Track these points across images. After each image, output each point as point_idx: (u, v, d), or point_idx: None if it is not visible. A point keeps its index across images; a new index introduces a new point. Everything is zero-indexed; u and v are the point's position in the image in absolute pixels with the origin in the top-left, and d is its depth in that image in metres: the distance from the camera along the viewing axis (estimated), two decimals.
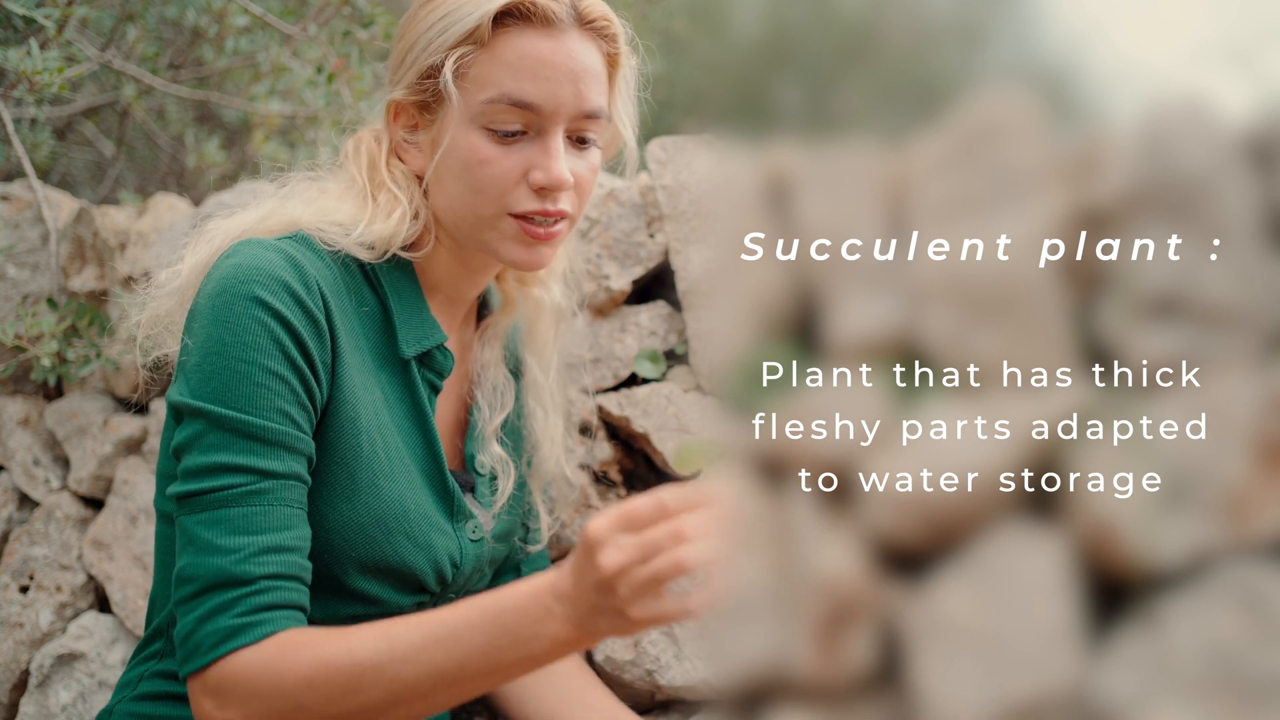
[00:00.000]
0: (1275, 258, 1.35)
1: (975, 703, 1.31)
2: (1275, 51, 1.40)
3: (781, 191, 1.68)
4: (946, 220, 1.48)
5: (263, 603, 1.14)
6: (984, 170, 1.45)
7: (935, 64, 4.76)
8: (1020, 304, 1.41)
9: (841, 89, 5.64)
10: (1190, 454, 1.29)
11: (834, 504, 1.61)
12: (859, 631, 1.46)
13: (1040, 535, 1.35)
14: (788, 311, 1.67)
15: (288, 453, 1.19)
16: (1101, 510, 1.31)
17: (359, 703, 1.10)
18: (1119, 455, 1.33)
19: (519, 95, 1.29)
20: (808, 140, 1.51)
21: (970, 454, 1.39)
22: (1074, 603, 1.32)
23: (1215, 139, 1.36)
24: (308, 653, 1.12)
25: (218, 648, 1.11)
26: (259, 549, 1.14)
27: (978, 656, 1.32)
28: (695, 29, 6.67)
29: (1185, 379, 1.33)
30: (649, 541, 1.13)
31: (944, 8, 4.48)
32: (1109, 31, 1.63)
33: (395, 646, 1.11)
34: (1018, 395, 1.41)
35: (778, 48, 5.45)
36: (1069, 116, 3.87)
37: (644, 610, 1.14)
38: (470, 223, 1.32)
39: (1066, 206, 1.41)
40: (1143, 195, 1.36)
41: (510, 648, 1.12)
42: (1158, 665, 1.25)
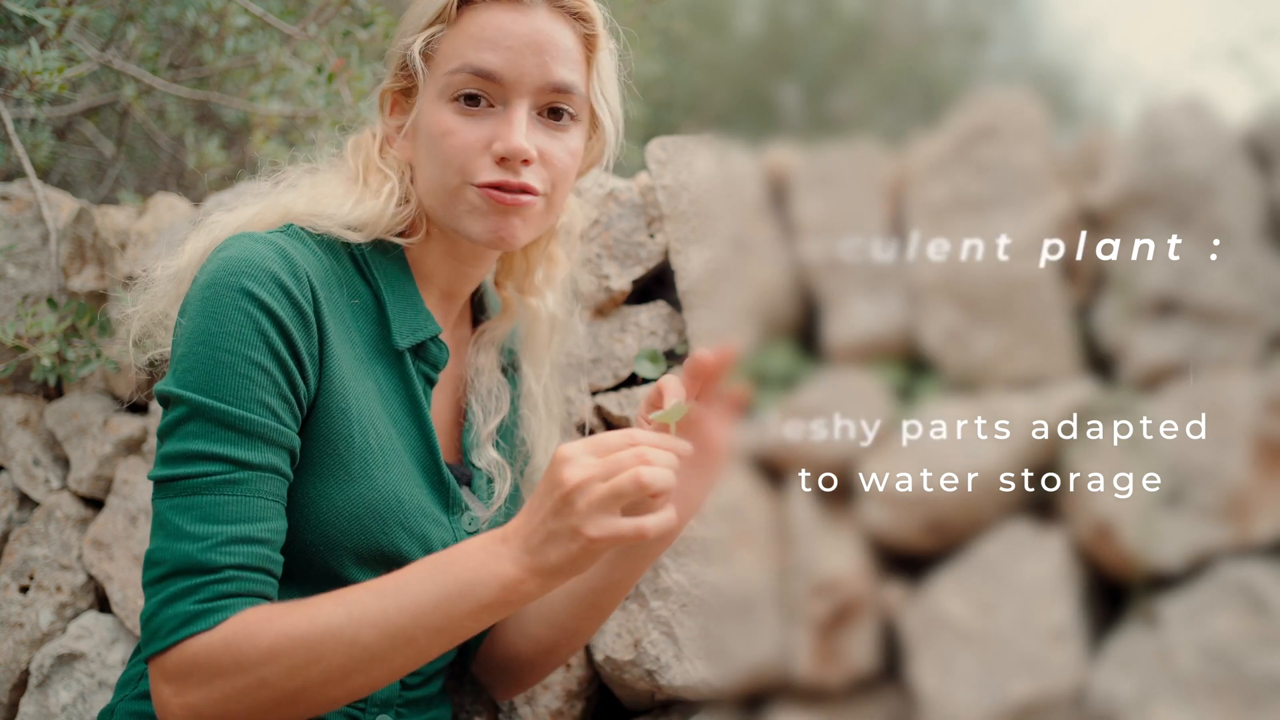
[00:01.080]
0: (1275, 258, 1.35)
1: (975, 703, 1.31)
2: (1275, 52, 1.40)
3: (781, 191, 1.69)
4: (946, 220, 1.48)
5: (226, 590, 1.14)
6: (984, 170, 1.45)
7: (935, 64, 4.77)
8: (1020, 304, 1.41)
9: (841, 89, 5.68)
10: (1190, 454, 1.29)
11: (834, 504, 1.61)
12: (859, 631, 1.46)
13: (1040, 535, 1.35)
14: (788, 312, 1.67)
15: (266, 445, 1.19)
16: (1101, 510, 1.31)
17: (320, 671, 1.11)
18: (1119, 455, 1.33)
19: (479, 64, 1.30)
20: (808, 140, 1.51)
21: (970, 454, 1.39)
22: (1074, 603, 1.32)
23: (1215, 139, 1.36)
24: (268, 627, 1.12)
25: (176, 632, 1.12)
26: (227, 538, 1.15)
27: (978, 656, 1.32)
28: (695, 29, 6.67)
29: (1185, 379, 1.33)
30: (613, 460, 1.16)
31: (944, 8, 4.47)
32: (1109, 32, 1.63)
33: (351, 611, 1.12)
34: (1018, 395, 1.41)
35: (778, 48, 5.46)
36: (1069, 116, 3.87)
37: (599, 527, 1.14)
38: (441, 200, 1.33)
39: (1066, 206, 1.41)
40: (1143, 195, 1.36)
41: (460, 596, 1.13)
42: (1158, 665, 1.25)
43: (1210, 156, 1.34)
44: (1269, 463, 1.28)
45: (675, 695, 1.54)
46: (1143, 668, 1.27)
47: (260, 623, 1.14)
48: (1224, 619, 1.24)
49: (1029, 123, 1.44)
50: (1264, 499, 1.28)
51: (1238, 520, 1.27)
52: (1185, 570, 1.31)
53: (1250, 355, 1.32)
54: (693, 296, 1.65)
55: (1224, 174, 1.34)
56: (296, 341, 1.24)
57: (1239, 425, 1.28)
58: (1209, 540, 1.27)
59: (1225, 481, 1.27)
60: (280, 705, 1.13)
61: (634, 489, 1.13)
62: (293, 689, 1.12)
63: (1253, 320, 1.32)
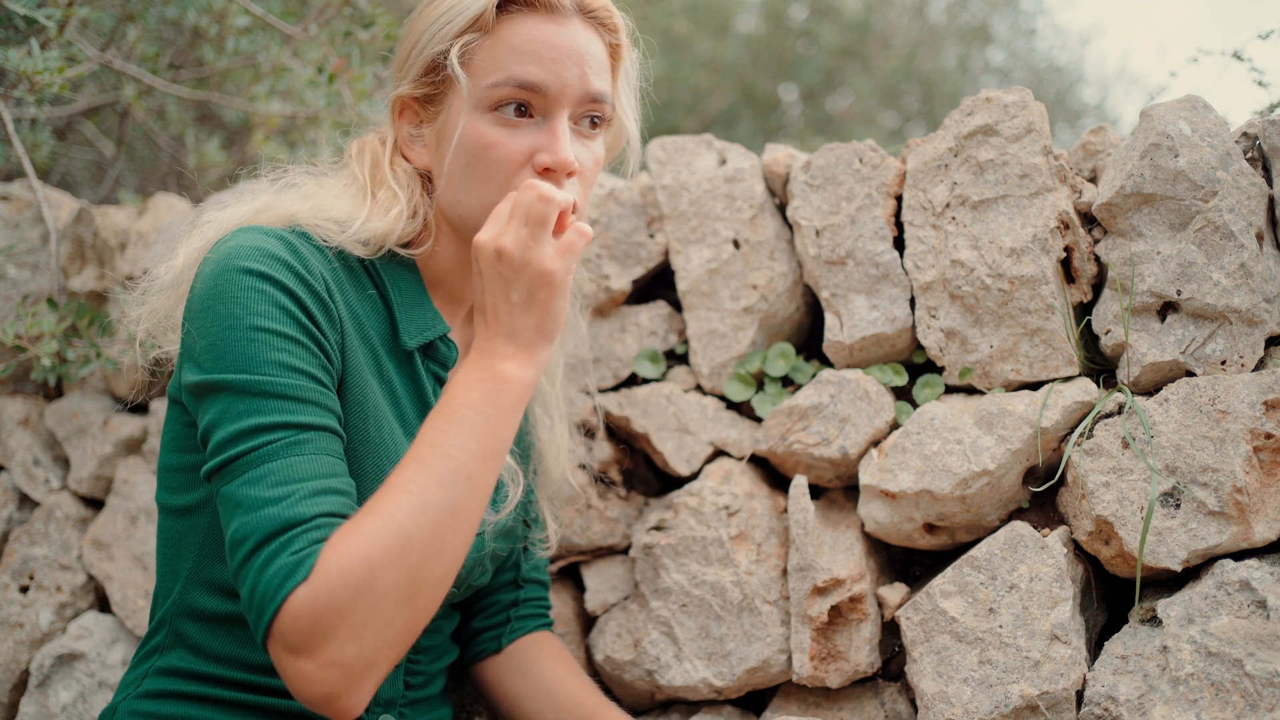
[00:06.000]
0: (1275, 258, 1.35)
1: (975, 703, 1.31)
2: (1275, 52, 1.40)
3: (782, 191, 1.69)
4: (947, 220, 1.49)
5: (319, 537, 1.10)
6: (984, 170, 1.45)
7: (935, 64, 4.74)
8: (1020, 304, 1.41)
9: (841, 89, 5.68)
10: (1190, 454, 1.29)
11: (834, 504, 1.61)
12: (859, 631, 1.46)
13: (1040, 535, 1.35)
14: (788, 312, 1.67)
15: (318, 408, 1.18)
16: (1101, 510, 1.32)
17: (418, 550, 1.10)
18: (1119, 455, 1.33)
19: (525, 77, 1.29)
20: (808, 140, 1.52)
21: (970, 454, 1.39)
22: (1074, 603, 1.32)
23: (1215, 139, 1.36)
24: (350, 541, 1.08)
25: (281, 588, 1.06)
26: (310, 492, 1.12)
27: (978, 656, 1.32)
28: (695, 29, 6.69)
29: (1185, 379, 1.33)
30: (515, 203, 1.21)
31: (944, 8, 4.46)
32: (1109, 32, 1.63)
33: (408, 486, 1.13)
34: (1018, 395, 1.41)
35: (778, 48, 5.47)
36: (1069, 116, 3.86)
37: (542, 253, 1.19)
38: (476, 214, 1.32)
39: (1066, 206, 1.42)
40: (1143, 195, 1.36)
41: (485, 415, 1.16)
42: (1158, 665, 1.26)
43: (1210, 156, 1.35)
44: (1269, 463, 1.28)
45: (675, 695, 1.54)
46: (1143, 668, 1.27)
47: (342, 541, 1.10)
48: (1224, 619, 1.24)
49: (1029, 123, 1.45)
50: (1264, 499, 1.28)
51: (1238, 520, 1.27)
52: (1185, 570, 1.31)
53: (1250, 355, 1.32)
54: (693, 296, 1.65)
55: (1224, 174, 1.34)
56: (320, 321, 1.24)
57: (1239, 425, 1.28)
58: (1209, 540, 1.27)
59: (1225, 481, 1.27)
60: (403, 609, 1.08)
61: (544, 205, 1.18)
62: (404, 583, 1.08)
63: (1253, 320, 1.32)
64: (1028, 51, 7.38)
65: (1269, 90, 1.74)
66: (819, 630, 1.46)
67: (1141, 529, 1.29)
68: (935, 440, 1.43)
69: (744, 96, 6.60)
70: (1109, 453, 1.33)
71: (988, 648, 1.32)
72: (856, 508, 1.53)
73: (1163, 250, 1.36)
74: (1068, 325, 1.41)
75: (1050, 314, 1.40)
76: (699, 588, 1.53)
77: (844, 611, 1.46)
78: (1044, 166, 1.44)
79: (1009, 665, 1.31)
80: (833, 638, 1.46)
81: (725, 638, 1.51)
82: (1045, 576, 1.33)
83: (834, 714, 1.50)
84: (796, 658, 1.45)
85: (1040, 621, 1.31)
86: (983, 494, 1.40)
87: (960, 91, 6.66)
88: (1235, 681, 1.21)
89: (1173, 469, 1.30)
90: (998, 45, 7.38)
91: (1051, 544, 1.34)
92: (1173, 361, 1.34)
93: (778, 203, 1.70)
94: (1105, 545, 1.34)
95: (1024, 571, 1.34)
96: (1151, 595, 1.34)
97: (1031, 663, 1.30)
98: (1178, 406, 1.31)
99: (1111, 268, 1.39)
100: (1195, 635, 1.24)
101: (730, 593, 1.51)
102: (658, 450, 1.64)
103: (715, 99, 6.39)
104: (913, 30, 7.09)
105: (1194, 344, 1.34)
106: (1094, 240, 1.44)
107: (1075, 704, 1.28)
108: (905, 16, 7.14)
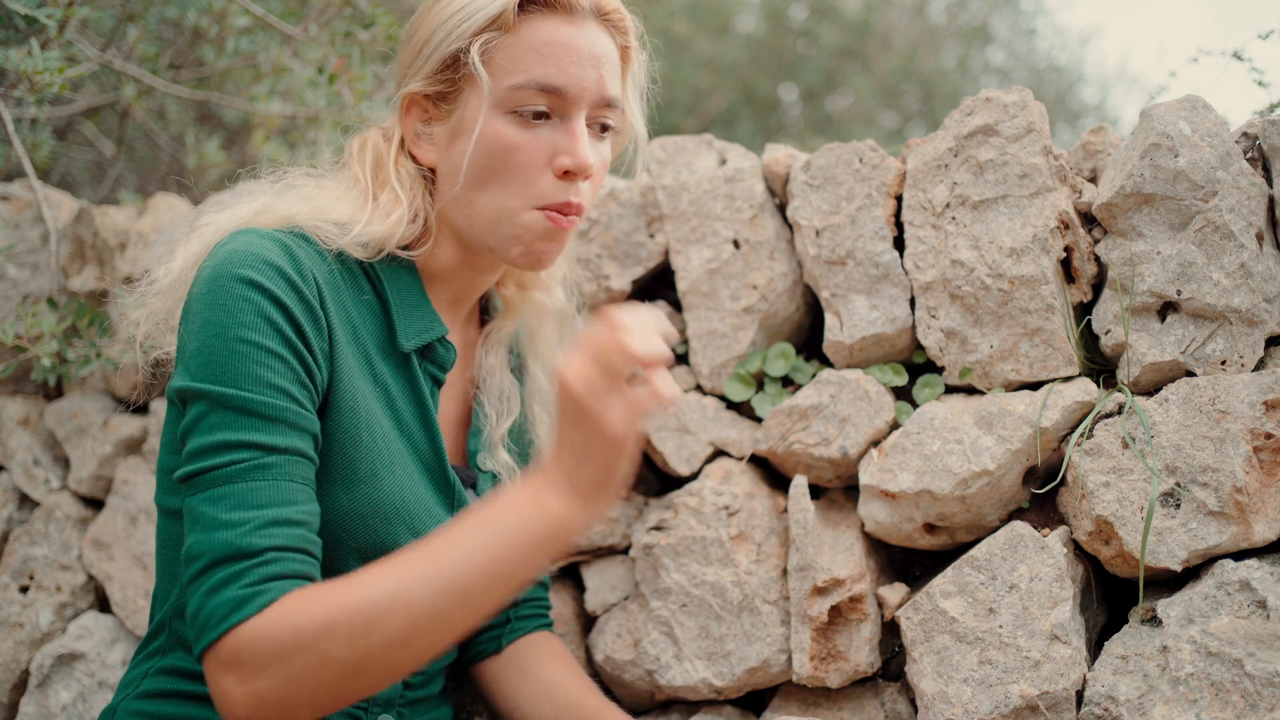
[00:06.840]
0: (1275, 258, 1.35)
1: (975, 703, 1.31)
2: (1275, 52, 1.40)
3: (782, 191, 1.69)
4: (947, 220, 1.49)
5: (270, 573, 1.12)
6: (984, 170, 1.45)
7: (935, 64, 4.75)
8: (1020, 304, 1.41)
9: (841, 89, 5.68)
10: (1190, 454, 1.29)
11: (834, 504, 1.61)
12: (859, 631, 1.46)
13: (1040, 535, 1.35)
14: (788, 312, 1.68)
15: (290, 429, 1.19)
16: (1101, 510, 1.32)
17: (381, 638, 1.09)
18: (1119, 455, 1.33)
19: (548, 80, 1.29)
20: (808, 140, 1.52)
21: (970, 454, 1.39)
22: (1074, 603, 1.32)
23: (1215, 139, 1.36)
24: (320, 601, 1.10)
25: (227, 619, 1.09)
26: (264, 522, 1.13)
27: (978, 656, 1.32)
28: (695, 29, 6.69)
29: (1185, 379, 1.33)
30: (597, 347, 1.12)
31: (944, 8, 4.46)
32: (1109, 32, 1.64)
33: (404, 573, 1.10)
34: (1018, 395, 1.41)
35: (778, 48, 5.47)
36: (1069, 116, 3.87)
37: (616, 411, 1.11)
38: (490, 217, 1.32)
39: (1066, 206, 1.42)
40: (1143, 195, 1.36)
41: (511, 541, 1.12)
42: (1158, 665, 1.26)
43: (1210, 156, 1.35)
44: (1269, 463, 1.28)
45: (675, 695, 1.54)
46: (1143, 668, 1.27)
47: (311, 598, 1.11)
48: (1224, 619, 1.24)
49: (1029, 123, 1.45)
50: (1264, 499, 1.28)
51: (1238, 520, 1.27)
52: (1185, 570, 1.31)
53: (1250, 355, 1.32)
54: (693, 296, 1.65)
55: (1224, 174, 1.34)
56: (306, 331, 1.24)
57: (1239, 425, 1.28)
58: (1209, 540, 1.27)
59: (1225, 481, 1.27)
60: (343, 680, 1.10)
61: (624, 358, 1.10)
62: (354, 660, 1.09)
63: (1253, 320, 1.32)
64: (1028, 51, 7.39)
65: (1269, 90, 1.74)
66: (819, 630, 1.46)
67: (1142, 529, 1.29)
68: (935, 440, 1.43)
69: (744, 96, 6.61)
70: (1109, 453, 1.33)
71: (988, 648, 1.32)
72: (856, 508, 1.53)
73: (1163, 250, 1.35)
74: (1068, 325, 1.41)
75: (1050, 314, 1.40)
76: (699, 588, 1.53)
77: (844, 611, 1.46)
78: (1044, 166, 1.44)
79: (1009, 665, 1.31)
80: (833, 638, 1.46)
81: (725, 638, 1.51)
82: (1045, 576, 1.33)
83: (834, 714, 1.50)
84: (796, 658, 1.45)
85: (1040, 621, 1.31)
86: (983, 494, 1.40)
87: (960, 91, 6.66)
88: (1235, 681, 1.21)
89: (1173, 469, 1.30)
90: (998, 45, 7.38)
91: (1051, 544, 1.34)
92: (1173, 361, 1.34)
93: (778, 203, 1.70)
94: (1105, 545, 1.34)
95: (1024, 571, 1.34)
96: (1151, 595, 1.34)
97: (1031, 663, 1.30)
98: (1178, 406, 1.31)
99: (1111, 268, 1.39)
100: (1195, 635, 1.24)
101: (730, 593, 1.51)
102: (657, 450, 1.64)
103: (715, 99, 6.40)
104: (913, 30, 7.09)
105: (1194, 344, 1.34)
106: (1094, 240, 1.44)
107: (1075, 704, 1.28)
108: (905, 16, 7.14)
